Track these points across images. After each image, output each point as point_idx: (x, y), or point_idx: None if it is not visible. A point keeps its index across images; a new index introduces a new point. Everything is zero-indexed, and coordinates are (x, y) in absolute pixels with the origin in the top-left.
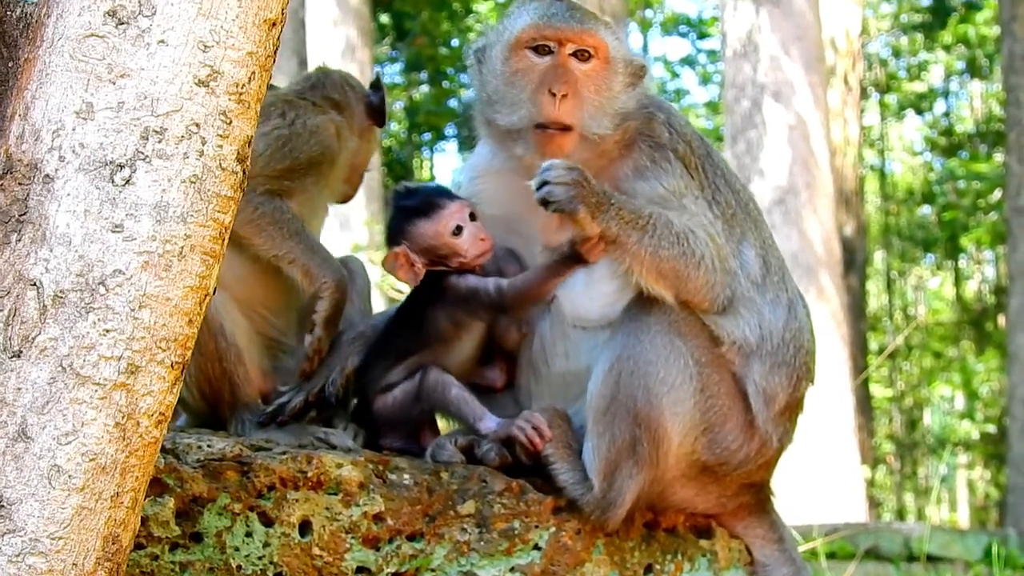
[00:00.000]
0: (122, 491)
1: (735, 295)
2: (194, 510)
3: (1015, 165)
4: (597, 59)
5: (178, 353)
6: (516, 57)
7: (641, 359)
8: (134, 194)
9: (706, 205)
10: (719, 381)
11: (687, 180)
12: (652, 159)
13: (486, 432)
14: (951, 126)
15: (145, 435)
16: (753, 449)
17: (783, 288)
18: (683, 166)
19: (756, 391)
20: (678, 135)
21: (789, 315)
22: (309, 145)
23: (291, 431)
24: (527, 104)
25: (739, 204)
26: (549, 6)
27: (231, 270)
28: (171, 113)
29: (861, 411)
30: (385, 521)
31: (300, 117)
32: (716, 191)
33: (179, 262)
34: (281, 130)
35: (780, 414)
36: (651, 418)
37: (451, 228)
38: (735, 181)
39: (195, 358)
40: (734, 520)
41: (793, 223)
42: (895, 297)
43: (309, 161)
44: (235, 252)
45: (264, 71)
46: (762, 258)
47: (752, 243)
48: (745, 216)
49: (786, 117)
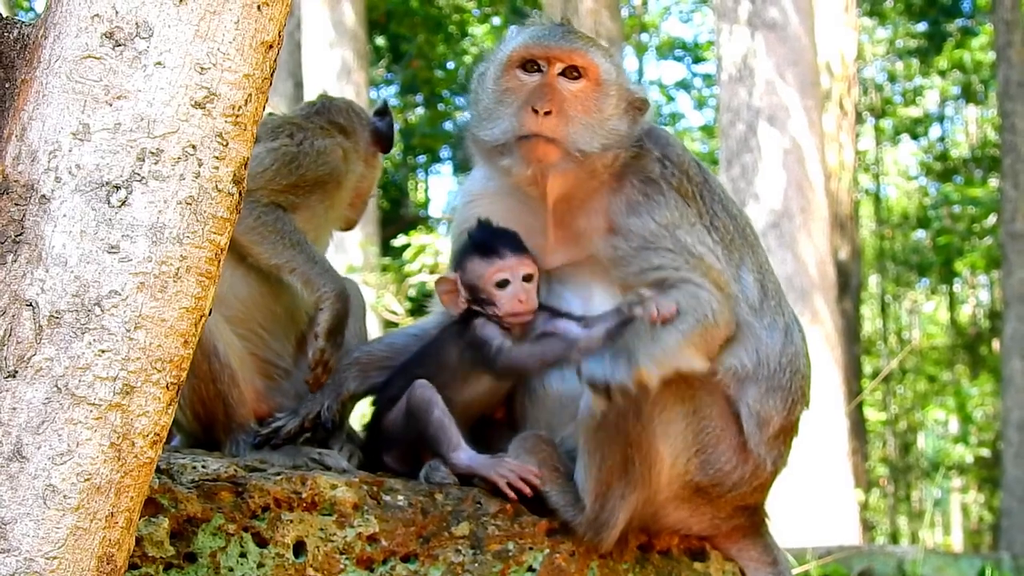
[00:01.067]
0: (117, 511)
1: (738, 320)
2: (188, 530)
3: (1010, 190)
4: (587, 79)
5: (173, 374)
6: (507, 76)
7: None
8: (130, 215)
9: (705, 232)
10: (712, 403)
11: (683, 210)
12: (644, 194)
13: (455, 463)
14: (946, 151)
15: (140, 455)
16: (747, 471)
17: (780, 312)
18: (679, 196)
19: (749, 414)
20: (674, 166)
21: (786, 339)
22: (316, 165)
23: (286, 452)
24: (511, 119)
25: (737, 229)
26: (543, 27)
27: (232, 289)
28: (168, 135)
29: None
30: (379, 542)
31: (308, 139)
32: (714, 216)
33: (175, 283)
34: (289, 148)
35: (774, 437)
36: (642, 438)
37: (497, 279)
38: (732, 206)
39: (189, 379)
40: (728, 542)
41: (788, 247)
42: (889, 321)
43: (315, 180)
44: (238, 271)
45: (261, 93)
46: (760, 282)
47: (750, 267)
48: (743, 241)
49: (781, 141)
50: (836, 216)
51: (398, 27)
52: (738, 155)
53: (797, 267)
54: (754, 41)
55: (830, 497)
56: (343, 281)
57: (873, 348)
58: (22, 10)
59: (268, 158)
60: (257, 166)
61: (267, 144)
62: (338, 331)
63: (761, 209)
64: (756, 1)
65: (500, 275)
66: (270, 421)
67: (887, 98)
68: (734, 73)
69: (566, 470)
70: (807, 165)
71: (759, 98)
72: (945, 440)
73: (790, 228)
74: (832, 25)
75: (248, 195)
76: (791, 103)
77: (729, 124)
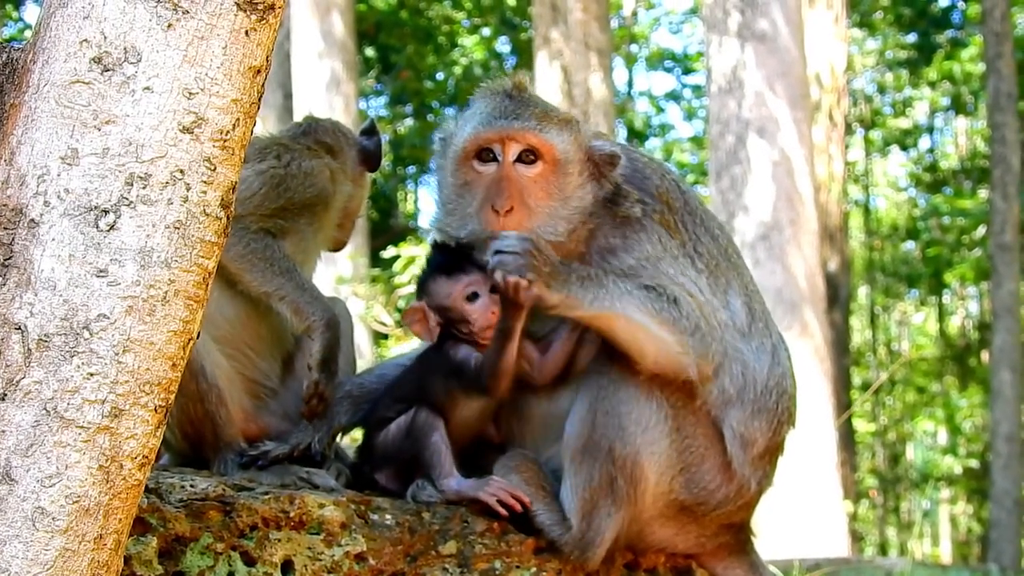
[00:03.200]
0: (105, 533)
1: (726, 350)
2: (177, 549)
3: (999, 202)
4: (543, 161)
5: (161, 397)
6: (463, 169)
7: (615, 400)
8: (118, 239)
9: (688, 263)
10: (695, 422)
11: (667, 242)
12: (623, 235)
13: (445, 490)
14: (936, 162)
15: (128, 478)
16: (732, 490)
17: (767, 334)
18: (661, 228)
19: (733, 436)
20: (653, 200)
21: (773, 361)
22: (304, 187)
23: (274, 471)
24: (474, 218)
25: (720, 252)
26: (497, 104)
27: (220, 310)
28: (156, 159)
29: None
30: (367, 561)
31: (295, 160)
32: (698, 242)
33: (163, 307)
34: (277, 170)
35: (759, 458)
36: (627, 457)
37: (467, 293)
38: (714, 227)
39: (177, 399)
40: (714, 560)
41: (777, 259)
42: (879, 332)
43: (303, 203)
44: (226, 292)
45: (249, 118)
46: (747, 305)
47: (738, 291)
48: (728, 264)
49: (770, 153)
50: (825, 228)
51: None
52: (727, 167)
53: (786, 279)
54: (744, 53)
55: (819, 509)
56: (332, 307)
57: (862, 359)
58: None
59: (256, 181)
60: (245, 190)
61: (255, 166)
62: (331, 360)
63: (750, 221)
64: (746, 13)
65: (470, 288)
66: (258, 445)
67: (877, 109)
68: (724, 85)
69: (552, 489)
70: (796, 177)
71: (749, 110)
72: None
73: (779, 240)
74: (822, 37)
75: (237, 220)
76: (781, 115)
77: (719, 136)
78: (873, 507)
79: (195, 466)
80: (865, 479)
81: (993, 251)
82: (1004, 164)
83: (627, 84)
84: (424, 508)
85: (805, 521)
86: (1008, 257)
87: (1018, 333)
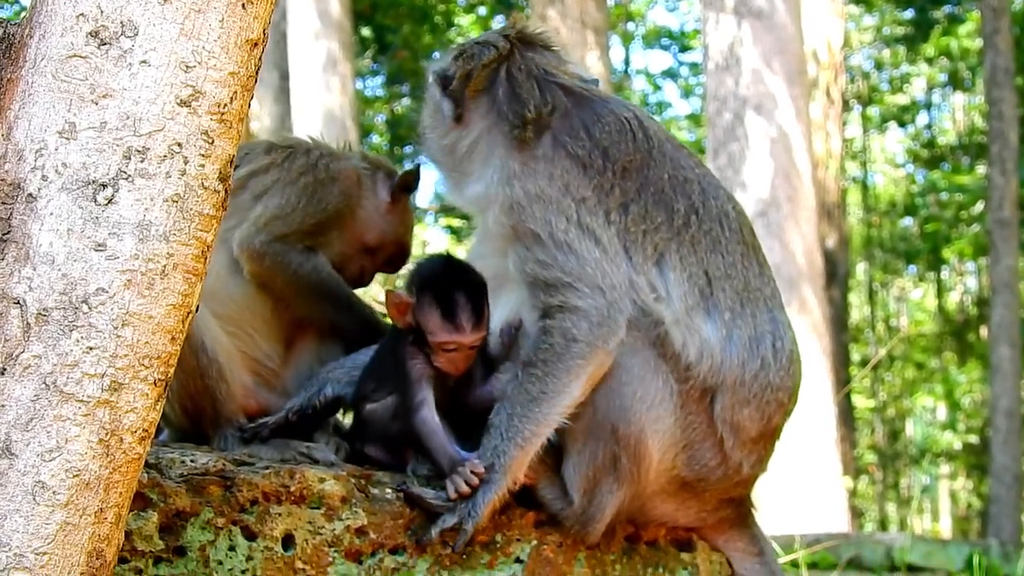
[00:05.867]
0: (106, 506)
1: (653, 316)
2: (177, 524)
3: (997, 177)
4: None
5: (161, 370)
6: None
7: (619, 377)
8: (117, 213)
9: (603, 214)
10: (699, 399)
11: (578, 181)
12: (523, 163)
13: None
14: (933, 138)
15: (128, 451)
16: (731, 469)
17: (744, 324)
18: (578, 167)
19: (723, 420)
20: (592, 142)
21: (751, 353)
22: (332, 193)
23: (274, 446)
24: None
25: (677, 224)
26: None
27: (226, 289)
28: (153, 133)
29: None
30: (368, 535)
31: (323, 159)
32: (633, 202)
33: (162, 280)
34: (307, 177)
35: (752, 442)
36: (631, 435)
37: (448, 342)
38: (679, 198)
39: (177, 374)
40: (715, 533)
41: (775, 236)
42: (877, 309)
43: (336, 211)
44: (235, 273)
45: (246, 91)
46: (699, 286)
47: (681, 266)
48: (678, 239)
49: (768, 130)
50: (823, 204)
51: (384, 18)
52: (725, 144)
53: (785, 256)
54: (740, 30)
55: (818, 485)
56: (380, 323)
57: (861, 336)
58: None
59: (293, 195)
60: (285, 204)
61: (285, 176)
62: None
63: (748, 198)
64: None
65: (451, 344)
66: (257, 418)
67: (874, 86)
68: (720, 62)
69: (552, 463)
70: (794, 154)
71: (746, 87)
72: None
73: (777, 217)
74: (819, 13)
75: (281, 240)
76: (778, 92)
77: (716, 113)
78: (873, 483)
79: (195, 442)
80: (864, 455)
81: (991, 226)
82: (1002, 139)
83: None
84: (425, 482)
85: (805, 497)
86: (1006, 232)
87: (1017, 308)
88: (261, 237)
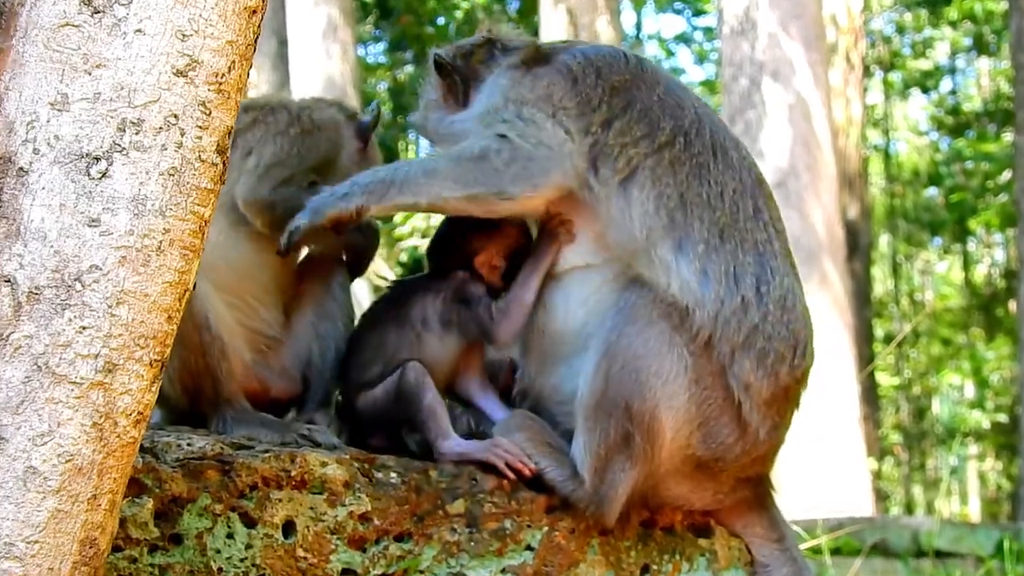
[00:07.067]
0: (99, 493)
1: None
2: (173, 511)
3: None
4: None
5: (157, 351)
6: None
7: (631, 352)
8: (111, 187)
9: (563, 114)
10: (713, 372)
11: (551, 84)
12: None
13: (444, 452)
14: (958, 105)
15: (123, 435)
16: (748, 443)
17: (719, 259)
18: (560, 76)
19: (737, 382)
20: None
21: (727, 290)
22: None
23: (274, 428)
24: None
25: (661, 148)
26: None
27: (224, 257)
28: (149, 104)
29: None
30: (372, 521)
31: (304, 111)
32: (618, 116)
33: (158, 257)
34: (294, 127)
35: (766, 405)
36: (645, 412)
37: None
38: (661, 121)
39: (178, 351)
40: (732, 517)
41: (794, 206)
42: (901, 282)
43: (325, 158)
44: (230, 237)
45: (244, 60)
46: (668, 208)
47: (651, 185)
48: (660, 156)
49: (786, 97)
50: (844, 174)
51: None
52: (741, 111)
53: (804, 227)
54: None
55: (841, 467)
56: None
57: (885, 311)
58: None
59: (285, 143)
60: (279, 152)
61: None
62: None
63: (766, 167)
64: None
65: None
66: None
67: (896, 51)
68: (736, 26)
69: (558, 445)
70: (813, 121)
71: (762, 52)
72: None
73: (796, 187)
74: None
75: (286, 183)
76: (795, 57)
77: (731, 79)
78: (898, 464)
79: (191, 424)
80: (889, 435)
81: (1018, 196)
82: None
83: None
84: (431, 466)
85: (828, 479)
86: None
87: None
88: (265, 185)
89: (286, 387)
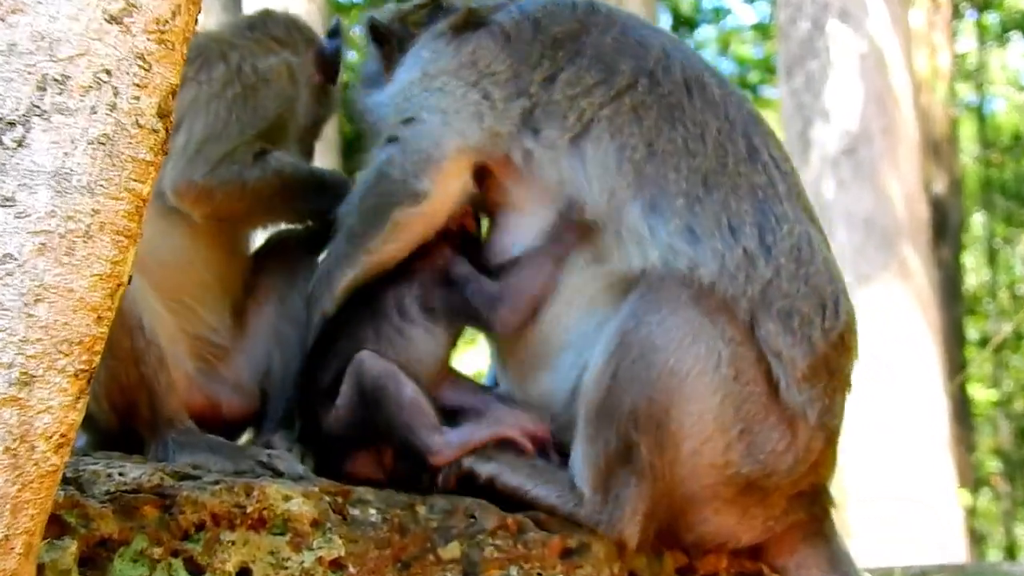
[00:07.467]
0: (13, 534)
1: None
2: (102, 556)
3: None
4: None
5: (83, 359)
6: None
7: (649, 343)
8: (28, 159)
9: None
10: (754, 361)
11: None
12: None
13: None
14: None
15: (42, 462)
16: (801, 443)
17: (707, 212)
18: (497, 39)
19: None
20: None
21: (725, 243)
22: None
23: (225, 454)
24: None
25: (615, 86)
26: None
27: (153, 252)
28: (75, 57)
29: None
30: (346, 568)
31: (246, 60)
32: (577, 75)
33: (85, 244)
34: (232, 87)
35: (806, 379)
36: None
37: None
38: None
39: (106, 361)
40: (785, 553)
41: (866, 178)
42: (999, 272)
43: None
44: (160, 228)
45: (192, 3)
46: (633, 160)
47: (609, 137)
48: (619, 103)
49: (856, 43)
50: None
51: None
52: (801, 61)
53: (878, 204)
54: None
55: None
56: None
57: (979, 307)
58: None
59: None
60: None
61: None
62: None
63: (832, 131)
64: None
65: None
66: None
67: None
68: None
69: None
70: (890, 74)
71: None
72: None
73: (869, 155)
74: None
75: (226, 160)
76: None
77: (789, 22)
78: (997, 498)
79: (125, 449)
80: (986, 462)
81: None
82: None
83: None
84: (418, 501)
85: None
86: None
87: None
88: (200, 169)
89: (240, 403)
